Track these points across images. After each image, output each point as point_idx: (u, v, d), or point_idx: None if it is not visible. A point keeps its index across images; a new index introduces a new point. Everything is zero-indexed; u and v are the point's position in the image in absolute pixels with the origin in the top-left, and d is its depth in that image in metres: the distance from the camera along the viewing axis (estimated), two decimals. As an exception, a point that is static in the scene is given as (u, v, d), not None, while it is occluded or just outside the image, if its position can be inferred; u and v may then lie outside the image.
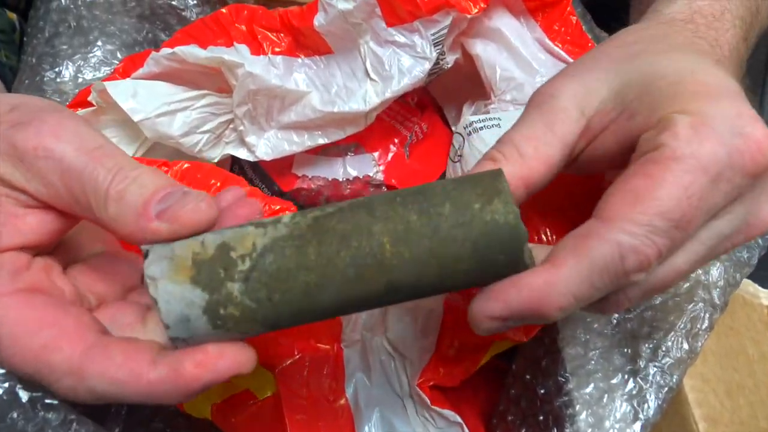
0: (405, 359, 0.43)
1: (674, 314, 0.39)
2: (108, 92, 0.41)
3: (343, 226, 0.26)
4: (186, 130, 0.44)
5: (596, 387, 0.37)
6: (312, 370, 0.41)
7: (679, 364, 0.38)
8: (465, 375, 0.43)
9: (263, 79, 0.44)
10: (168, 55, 0.44)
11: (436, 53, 0.44)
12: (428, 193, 0.27)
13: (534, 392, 0.39)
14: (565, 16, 0.47)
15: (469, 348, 0.42)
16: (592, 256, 0.26)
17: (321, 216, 0.27)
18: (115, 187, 0.26)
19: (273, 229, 0.27)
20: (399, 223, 0.26)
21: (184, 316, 0.26)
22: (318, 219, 0.27)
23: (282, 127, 0.46)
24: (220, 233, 0.27)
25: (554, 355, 0.39)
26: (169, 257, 0.26)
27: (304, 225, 0.27)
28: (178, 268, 0.26)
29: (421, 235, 0.26)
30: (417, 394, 0.41)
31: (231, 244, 0.26)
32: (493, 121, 0.40)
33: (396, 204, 0.27)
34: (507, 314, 0.27)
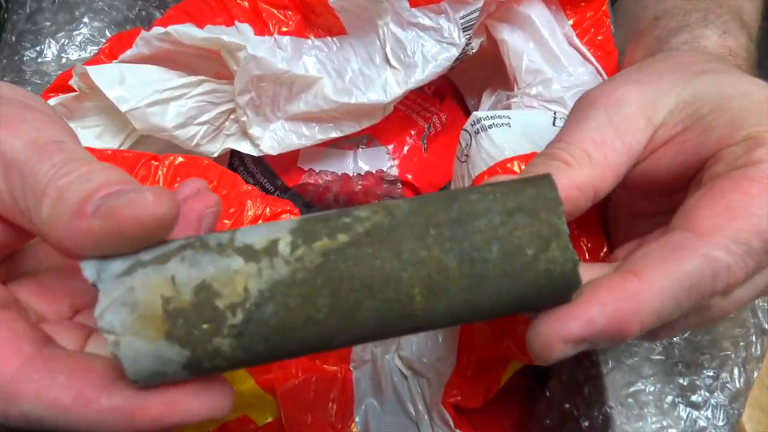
0: (421, 378, 0.39)
1: (726, 340, 0.35)
2: (90, 76, 0.36)
3: (362, 270, 0.21)
4: (181, 121, 0.40)
5: (651, 421, 0.33)
6: (318, 394, 0.37)
7: (739, 395, 0.34)
8: (488, 394, 0.39)
9: (268, 63, 0.39)
10: (160, 35, 0.40)
11: (464, 39, 0.40)
12: (469, 224, 0.21)
13: (576, 424, 0.34)
14: (598, 16, 0.44)
15: (489, 364, 0.38)
16: (684, 270, 0.23)
17: (332, 251, 0.21)
18: (56, 182, 0.21)
19: (269, 267, 0.21)
20: (434, 270, 0.21)
21: (158, 372, 0.21)
22: (328, 256, 0.21)
23: (290, 118, 0.42)
24: (192, 262, 0.21)
25: (596, 381, 0.34)
26: (130, 303, 0.20)
27: (311, 264, 0.21)
28: (145, 319, 0.20)
29: (460, 287, 0.21)
30: (439, 414, 0.37)
31: (214, 287, 0.20)
32: (503, 119, 0.36)
33: (429, 240, 0.21)
34: (588, 334, 0.22)
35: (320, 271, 0.21)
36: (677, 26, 0.40)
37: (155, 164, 0.35)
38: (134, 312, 0.20)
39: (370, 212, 0.21)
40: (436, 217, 0.21)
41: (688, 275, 0.23)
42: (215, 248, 0.21)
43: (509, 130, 0.36)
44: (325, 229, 0.21)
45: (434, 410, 0.38)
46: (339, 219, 0.21)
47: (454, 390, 0.37)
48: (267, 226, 0.21)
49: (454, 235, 0.21)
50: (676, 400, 0.33)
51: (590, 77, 0.42)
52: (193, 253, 0.21)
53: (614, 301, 0.22)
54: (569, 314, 0.22)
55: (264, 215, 0.35)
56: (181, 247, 0.21)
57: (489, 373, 0.38)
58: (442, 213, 0.21)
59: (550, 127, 0.36)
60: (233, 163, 0.49)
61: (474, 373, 0.38)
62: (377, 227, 0.21)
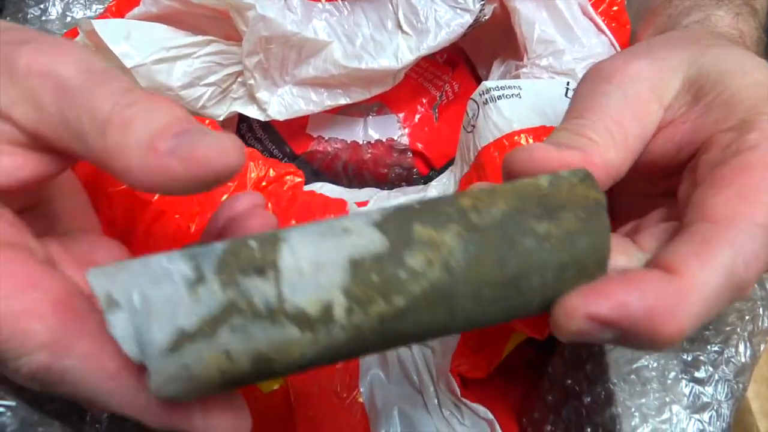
0: (426, 348, 0.39)
1: (732, 314, 0.35)
2: (97, 33, 0.36)
3: (417, 329, 0.20)
4: (187, 80, 0.39)
5: (654, 397, 0.32)
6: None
7: (744, 370, 0.33)
8: (490, 365, 0.39)
9: (277, 25, 0.39)
10: None
11: (479, 5, 0.39)
12: (523, 282, 0.21)
13: (579, 400, 0.34)
14: None
15: (491, 337, 0.38)
16: (721, 262, 0.21)
17: (389, 317, 0.20)
18: (120, 112, 0.21)
19: (326, 335, 0.19)
20: (481, 322, 0.21)
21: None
22: (384, 323, 0.20)
23: (298, 82, 0.41)
24: (244, 333, 0.19)
25: (599, 357, 0.34)
26: (186, 377, 0.19)
27: (368, 330, 0.20)
28: (203, 387, 0.20)
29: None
30: (447, 384, 0.37)
31: (271, 356, 0.19)
32: (513, 90, 0.35)
33: (484, 303, 0.20)
34: (617, 319, 0.20)
35: (376, 334, 0.20)
36: (690, 5, 0.39)
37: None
38: (192, 382, 0.19)
39: (425, 264, 0.20)
40: (491, 274, 0.20)
41: (725, 267, 0.21)
42: (265, 314, 0.19)
43: (519, 101, 0.35)
44: (380, 288, 0.20)
45: (441, 379, 0.37)
46: (393, 270, 0.20)
47: (460, 360, 0.37)
48: (314, 278, 0.19)
49: (509, 296, 0.21)
50: (679, 376, 0.33)
51: (604, 48, 0.41)
52: (243, 322, 0.19)
53: (655, 290, 0.21)
54: (603, 290, 0.21)
55: (267, 177, 0.34)
56: (225, 309, 0.19)
57: (492, 345, 0.38)
58: (497, 271, 0.20)
59: (563, 99, 0.36)
60: (241, 128, 0.48)
61: (477, 344, 0.38)
62: (434, 289, 0.20)
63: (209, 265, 0.19)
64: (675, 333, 0.21)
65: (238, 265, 0.19)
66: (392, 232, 0.20)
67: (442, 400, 0.38)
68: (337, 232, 0.20)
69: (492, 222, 0.20)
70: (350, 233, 0.20)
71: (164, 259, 0.19)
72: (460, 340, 0.38)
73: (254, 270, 0.19)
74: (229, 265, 0.19)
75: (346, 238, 0.20)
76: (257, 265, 0.19)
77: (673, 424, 0.32)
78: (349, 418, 0.36)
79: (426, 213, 0.20)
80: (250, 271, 0.19)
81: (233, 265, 0.19)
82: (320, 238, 0.20)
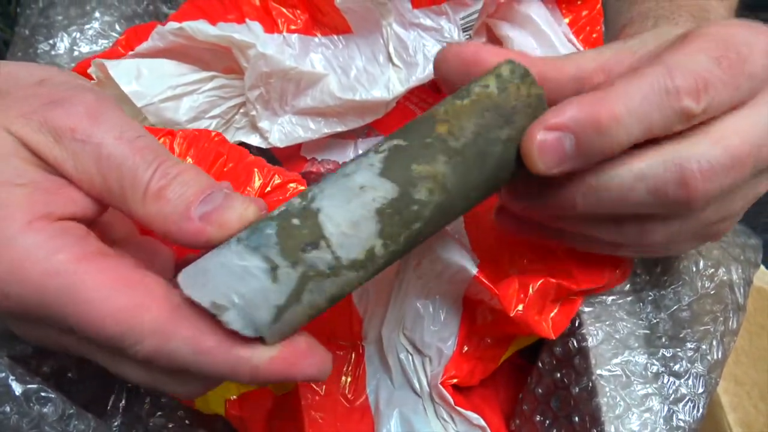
0: (424, 357, 0.40)
1: (707, 315, 0.38)
2: (107, 70, 0.39)
3: (429, 235, 0.27)
4: (193, 114, 0.42)
5: (638, 389, 0.35)
6: (333, 368, 0.38)
7: (716, 366, 0.37)
8: (485, 372, 0.41)
9: (277, 61, 0.42)
10: (174, 30, 0.42)
11: (465, 39, 0.42)
12: (497, 176, 0.27)
13: (567, 391, 0.37)
14: (593, 15, 0.46)
15: (491, 343, 0.40)
16: (647, 78, 0.26)
17: (411, 238, 0.26)
18: (156, 183, 0.25)
19: (372, 265, 0.26)
20: (470, 208, 0.28)
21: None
22: (408, 242, 0.26)
23: (297, 112, 0.44)
24: (318, 289, 0.25)
25: (585, 352, 0.37)
26: (288, 331, 0.26)
27: (398, 251, 0.26)
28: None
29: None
30: (439, 394, 0.39)
31: (338, 295, 0.26)
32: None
33: (472, 199, 0.27)
34: (563, 121, 0.25)
35: (403, 250, 0.26)
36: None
37: (170, 138, 0.36)
38: (291, 331, 0.26)
39: (428, 193, 0.25)
40: (475, 181, 0.26)
41: (651, 80, 0.25)
42: (330, 272, 0.25)
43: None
44: (402, 223, 0.25)
45: (434, 390, 0.39)
46: (408, 207, 0.25)
47: (453, 370, 0.39)
48: (356, 235, 0.25)
49: (488, 187, 0.27)
50: (660, 370, 0.36)
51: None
52: (315, 284, 0.25)
53: (587, 99, 0.26)
54: (554, 109, 0.26)
55: (273, 183, 0.37)
56: (301, 281, 0.24)
57: (489, 353, 0.40)
58: (478, 177, 0.27)
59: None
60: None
61: (474, 353, 0.40)
62: (438, 208, 0.26)
63: (274, 253, 0.24)
64: (611, 120, 0.25)
65: (295, 246, 0.24)
66: (397, 177, 0.25)
67: (438, 406, 0.40)
68: (356, 192, 0.25)
69: (467, 142, 0.26)
70: (366, 190, 0.25)
71: (235, 257, 0.24)
72: (456, 349, 0.40)
73: (310, 245, 0.24)
74: (289, 248, 0.24)
75: (365, 195, 0.25)
76: (310, 241, 0.24)
77: (655, 413, 0.35)
78: (356, 419, 0.38)
79: (415, 150, 0.25)
80: (307, 247, 0.24)
81: (293, 248, 0.24)
82: (346, 202, 0.25)
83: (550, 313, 0.36)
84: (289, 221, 0.24)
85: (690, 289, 0.38)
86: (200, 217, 0.25)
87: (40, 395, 0.28)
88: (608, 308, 0.38)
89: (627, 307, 0.38)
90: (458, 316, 0.39)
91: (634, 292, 0.39)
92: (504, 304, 0.35)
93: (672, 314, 0.38)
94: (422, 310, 0.39)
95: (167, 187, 0.25)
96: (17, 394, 0.28)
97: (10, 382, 0.28)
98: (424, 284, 0.37)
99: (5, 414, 0.27)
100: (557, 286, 0.35)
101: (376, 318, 0.39)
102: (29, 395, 0.28)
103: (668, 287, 0.38)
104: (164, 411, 0.41)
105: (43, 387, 0.29)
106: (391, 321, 0.39)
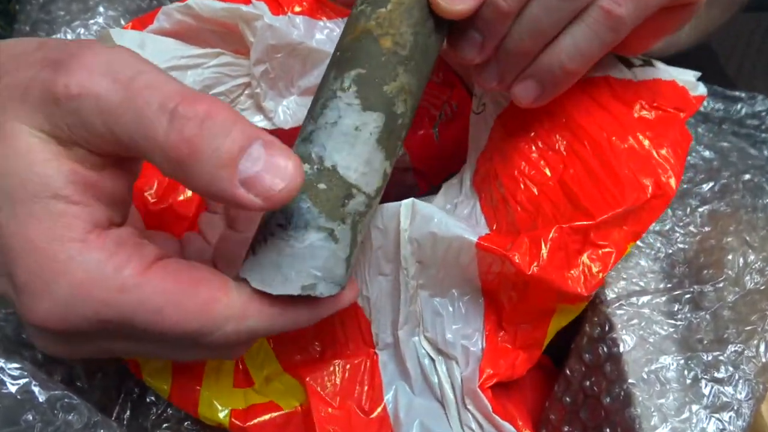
0: (449, 359, 0.37)
1: (754, 314, 0.35)
2: (113, 40, 0.37)
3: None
4: (198, 89, 0.39)
5: (673, 397, 0.32)
6: (345, 378, 0.36)
7: (765, 369, 0.33)
8: (530, 361, 0.36)
9: (284, 34, 0.39)
10: (180, 7, 0.40)
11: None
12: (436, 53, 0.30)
13: (597, 401, 0.34)
14: None
15: (527, 327, 0.36)
16: None
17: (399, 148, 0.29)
18: (176, 134, 0.22)
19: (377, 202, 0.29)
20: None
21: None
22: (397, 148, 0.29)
23: (303, 92, 0.42)
24: (367, 226, 0.29)
25: (617, 358, 0.34)
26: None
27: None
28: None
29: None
30: (475, 400, 0.35)
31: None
32: None
33: (428, 79, 0.30)
34: None
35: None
36: None
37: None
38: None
39: (404, 103, 0.28)
40: (428, 70, 0.30)
41: None
42: (372, 210, 0.28)
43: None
44: (400, 141, 0.29)
45: (469, 395, 0.35)
46: (397, 125, 0.28)
47: (490, 368, 0.35)
48: (374, 171, 0.28)
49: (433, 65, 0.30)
50: (699, 376, 0.33)
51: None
52: (364, 224, 0.28)
53: None
54: None
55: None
56: (355, 233, 0.28)
57: (528, 337, 0.36)
58: (429, 66, 0.29)
59: None
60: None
61: (512, 341, 0.36)
62: (414, 107, 0.29)
63: (323, 221, 0.26)
64: None
65: (335, 205, 0.26)
66: (378, 105, 0.27)
67: (464, 415, 0.36)
68: (354, 134, 0.27)
69: (411, 45, 0.28)
70: (361, 128, 0.27)
71: (295, 242, 0.26)
72: (487, 343, 0.36)
73: (345, 198, 0.27)
74: (332, 210, 0.26)
75: (362, 133, 0.27)
76: (344, 194, 0.27)
77: (693, 424, 0.32)
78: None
79: (377, 72, 0.27)
80: (345, 201, 0.27)
81: (334, 208, 0.26)
82: (351, 147, 0.27)
83: (575, 265, 0.32)
84: (316, 188, 0.26)
85: (735, 284, 0.35)
86: (243, 182, 0.22)
87: (64, 402, 0.27)
88: (641, 310, 0.35)
89: (662, 307, 0.35)
90: (480, 307, 0.36)
91: (670, 290, 0.35)
92: (517, 265, 0.31)
93: (713, 313, 0.35)
94: (439, 307, 0.36)
95: (199, 138, 0.22)
96: (41, 401, 0.27)
97: (32, 388, 0.27)
98: (435, 276, 0.35)
99: (28, 422, 0.26)
100: (573, 230, 0.32)
101: (385, 320, 0.36)
102: (53, 402, 0.27)
103: (709, 283, 0.35)
104: (170, 423, 0.39)
105: (67, 393, 0.28)
106: (406, 323, 0.36)
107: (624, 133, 0.32)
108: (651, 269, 0.38)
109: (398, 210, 0.33)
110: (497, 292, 0.34)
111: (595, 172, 0.32)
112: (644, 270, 0.38)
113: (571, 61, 0.30)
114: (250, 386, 0.36)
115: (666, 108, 0.34)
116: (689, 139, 0.33)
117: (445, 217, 0.33)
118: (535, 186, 0.34)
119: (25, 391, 0.26)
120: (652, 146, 0.32)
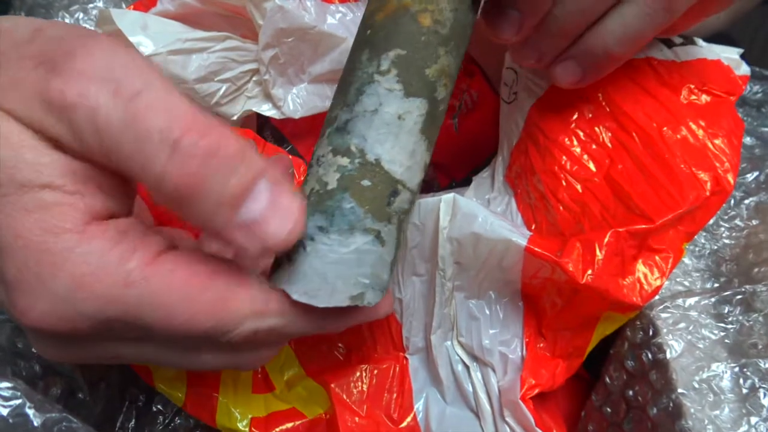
0: (485, 367, 0.34)
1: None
2: (113, 22, 0.34)
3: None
4: (203, 74, 0.37)
5: (729, 409, 0.29)
6: (373, 385, 0.34)
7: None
8: (569, 371, 0.34)
9: (295, 17, 0.37)
10: None
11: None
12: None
13: (643, 412, 0.31)
14: None
15: (570, 335, 0.33)
16: None
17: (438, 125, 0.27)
18: (179, 170, 0.20)
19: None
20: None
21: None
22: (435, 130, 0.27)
23: (314, 80, 0.39)
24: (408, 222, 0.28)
25: (664, 366, 0.31)
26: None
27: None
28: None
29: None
30: (516, 412, 0.32)
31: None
32: None
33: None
34: None
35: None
36: None
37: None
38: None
39: (444, 88, 0.26)
40: (465, 47, 0.27)
41: None
42: (415, 206, 0.28)
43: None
44: (436, 129, 0.27)
45: (508, 407, 0.33)
46: (438, 112, 0.26)
47: (531, 378, 0.33)
48: (418, 164, 0.25)
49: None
50: (756, 385, 0.30)
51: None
52: (407, 222, 0.26)
53: None
54: None
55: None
56: (401, 231, 0.26)
57: (570, 346, 0.33)
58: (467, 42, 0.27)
59: None
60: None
61: (553, 350, 0.33)
62: (452, 82, 0.27)
63: (369, 222, 0.24)
64: None
65: (381, 204, 0.24)
66: (421, 90, 0.25)
67: (501, 427, 0.33)
68: (398, 124, 0.24)
69: (451, 24, 0.25)
70: (404, 117, 0.24)
71: (340, 248, 0.23)
72: (527, 351, 0.33)
73: (391, 195, 0.24)
74: (377, 209, 0.24)
75: (406, 123, 0.24)
76: (390, 191, 0.24)
77: (752, 438, 0.29)
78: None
79: (422, 55, 0.25)
80: (390, 198, 0.24)
81: (380, 207, 0.24)
82: (395, 138, 0.24)
83: (630, 272, 0.29)
84: (359, 185, 0.24)
85: (794, 280, 0.32)
86: (244, 224, 0.21)
87: (63, 426, 0.25)
88: (688, 313, 0.32)
89: (710, 309, 0.32)
90: (520, 311, 0.33)
91: (718, 290, 0.33)
92: (570, 273, 0.28)
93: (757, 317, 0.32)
94: (476, 310, 0.33)
95: (198, 177, 0.20)
96: (36, 425, 0.24)
97: (27, 410, 0.25)
98: (473, 278, 0.32)
99: (21, 450, 0.24)
100: (630, 234, 0.29)
101: (418, 323, 0.34)
102: (50, 426, 0.25)
103: (761, 282, 0.32)
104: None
105: (66, 416, 0.25)
106: (440, 326, 0.34)
107: (675, 122, 0.30)
108: (696, 267, 0.35)
109: (437, 206, 0.30)
110: (539, 297, 0.32)
111: (647, 168, 0.29)
112: (688, 268, 0.35)
113: (617, 44, 0.27)
114: (270, 391, 0.34)
115: (716, 92, 0.31)
116: (742, 126, 0.30)
117: (490, 217, 0.30)
118: (578, 183, 0.31)
119: (18, 414, 0.24)
120: (706, 136, 0.29)
